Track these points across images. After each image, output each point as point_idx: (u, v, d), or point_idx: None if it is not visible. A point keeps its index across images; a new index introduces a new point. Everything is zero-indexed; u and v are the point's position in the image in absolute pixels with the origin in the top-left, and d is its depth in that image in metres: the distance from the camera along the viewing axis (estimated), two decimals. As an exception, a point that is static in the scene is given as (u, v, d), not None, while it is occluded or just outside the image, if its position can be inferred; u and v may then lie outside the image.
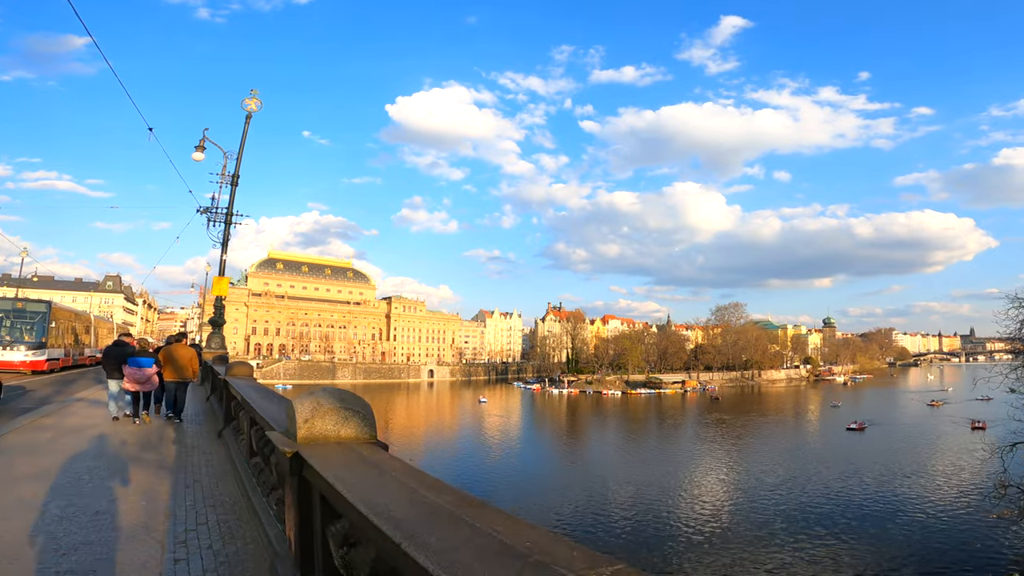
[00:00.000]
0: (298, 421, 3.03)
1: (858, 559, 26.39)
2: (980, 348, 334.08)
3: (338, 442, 3.03)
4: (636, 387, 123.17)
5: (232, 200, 21.03)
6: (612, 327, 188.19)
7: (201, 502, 5.54)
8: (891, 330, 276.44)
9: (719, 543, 28.70)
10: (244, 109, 21.65)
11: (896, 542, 28.31)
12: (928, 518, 31.73)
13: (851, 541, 28.53)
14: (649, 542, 28.92)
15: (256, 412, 4.06)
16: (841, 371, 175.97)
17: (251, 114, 21.76)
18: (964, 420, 66.89)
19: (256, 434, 4.95)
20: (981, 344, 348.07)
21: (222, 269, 21.70)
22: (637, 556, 26.85)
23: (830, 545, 28.06)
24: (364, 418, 3.21)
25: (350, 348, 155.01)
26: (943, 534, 29.15)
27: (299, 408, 3.11)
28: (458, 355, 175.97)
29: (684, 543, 28.81)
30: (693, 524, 31.66)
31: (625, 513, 33.50)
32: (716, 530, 30.65)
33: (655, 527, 31.12)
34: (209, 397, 15.55)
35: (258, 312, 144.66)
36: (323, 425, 3.06)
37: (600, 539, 29.12)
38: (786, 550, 27.54)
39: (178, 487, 6.23)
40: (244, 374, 9.31)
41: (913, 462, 46.20)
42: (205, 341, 23.34)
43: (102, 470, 6.97)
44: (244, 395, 5.76)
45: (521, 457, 53.12)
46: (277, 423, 3.76)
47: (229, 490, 5.93)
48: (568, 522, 31.77)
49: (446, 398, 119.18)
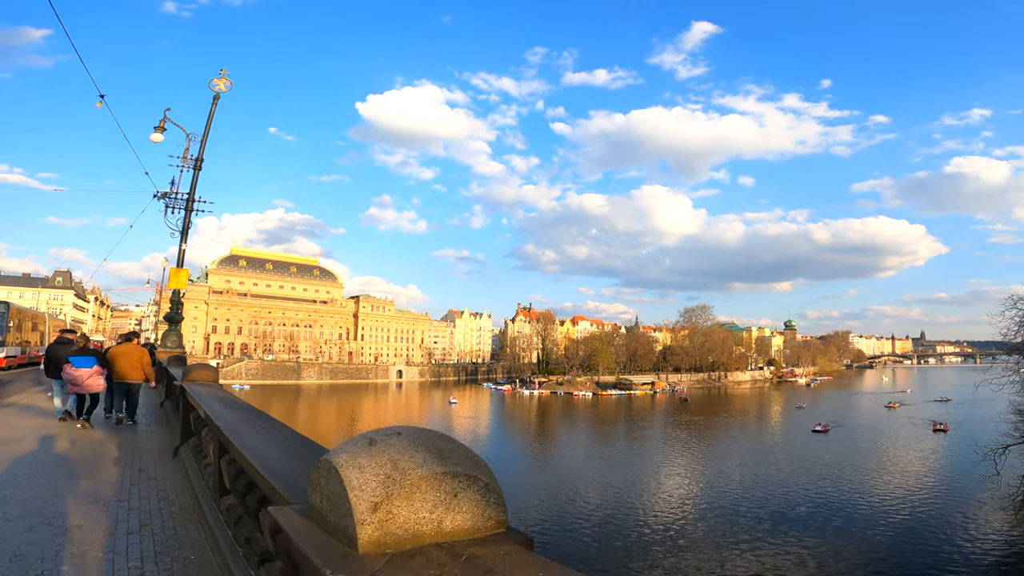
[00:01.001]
0: (361, 509, 1.49)
1: (827, 560, 26.11)
2: (931, 351, 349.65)
3: (440, 544, 1.52)
4: (607, 388, 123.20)
5: (194, 185, 19.14)
6: (582, 328, 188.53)
7: (152, 560, 4.01)
8: (848, 333, 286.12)
9: (688, 544, 28.40)
10: (212, 89, 19.80)
11: (862, 543, 28.11)
12: (894, 520, 31.69)
13: (820, 543, 28.29)
14: (616, 543, 28.48)
15: (239, 451, 2.70)
16: (802, 373, 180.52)
17: (219, 95, 19.94)
18: (925, 422, 68.37)
19: (231, 467, 3.57)
20: (932, 347, 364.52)
21: (181, 260, 19.74)
22: (604, 557, 26.51)
23: (800, 547, 27.77)
24: (486, 490, 1.74)
25: (316, 348, 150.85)
26: (911, 536, 29.06)
27: (357, 479, 1.55)
28: (427, 355, 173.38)
29: (653, 544, 28.51)
30: (663, 525, 31.33)
31: (594, 514, 33.02)
32: (686, 531, 30.34)
33: (624, 528, 30.74)
34: (163, 403, 13.69)
35: (219, 310, 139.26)
36: (411, 513, 1.54)
37: (567, 540, 28.71)
38: (757, 551, 27.25)
39: (119, 535, 4.62)
40: (206, 379, 7.74)
41: (878, 465, 46.51)
42: (160, 340, 21.26)
43: (13, 506, 5.36)
44: (211, 412, 4.32)
45: (492, 459, 51.73)
46: (279, 477, 2.35)
47: (193, 541, 4.36)
48: (537, 524, 31.10)
49: (415, 399, 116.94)
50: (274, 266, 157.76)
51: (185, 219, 19.04)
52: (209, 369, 8.15)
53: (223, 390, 6.81)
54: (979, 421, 65.94)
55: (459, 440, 1.92)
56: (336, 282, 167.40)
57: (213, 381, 7.69)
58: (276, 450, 2.82)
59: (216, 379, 7.89)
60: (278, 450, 2.83)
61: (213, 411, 4.42)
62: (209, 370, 8.13)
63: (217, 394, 6.07)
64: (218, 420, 3.81)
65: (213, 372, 8.14)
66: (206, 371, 8.03)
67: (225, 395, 5.99)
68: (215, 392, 6.28)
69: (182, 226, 19.07)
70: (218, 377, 8.08)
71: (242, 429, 3.46)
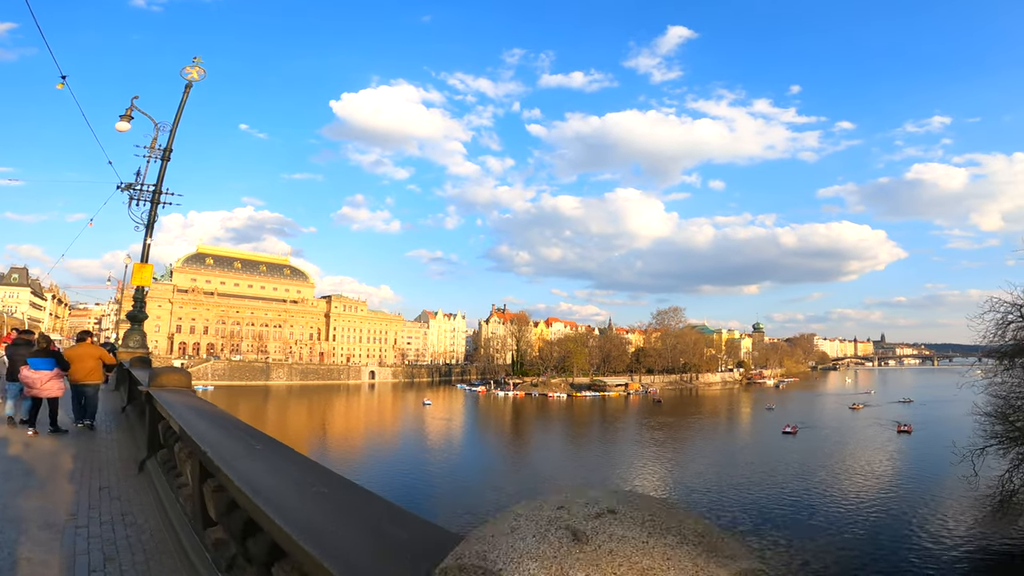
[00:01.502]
0: None
1: (808, 561, 26.30)
2: (891, 353, 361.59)
3: None
4: (581, 389, 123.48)
5: (162, 176, 18.05)
6: (555, 330, 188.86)
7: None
8: (813, 335, 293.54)
9: None
10: (184, 78, 18.73)
11: (839, 544, 28.42)
12: (867, 521, 32.13)
13: (798, 544, 28.50)
14: None
15: (248, 497, 1.89)
16: (771, 374, 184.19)
17: (191, 84, 18.88)
18: (890, 423, 69.99)
19: (218, 496, 2.92)
20: (891, 349, 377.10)
21: (145, 255, 18.58)
22: None
23: (781, 548, 27.93)
24: None
25: (286, 348, 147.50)
26: (883, 537, 29.47)
27: None
28: (400, 356, 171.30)
29: None
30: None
31: None
32: None
33: None
34: (125, 408, 12.70)
35: (184, 309, 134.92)
36: None
37: None
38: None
39: (78, 572, 3.83)
40: (177, 385, 6.92)
41: (848, 466, 47.11)
42: (122, 339, 20.01)
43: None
44: (190, 429, 3.58)
45: (466, 462, 51.38)
46: (318, 541, 1.72)
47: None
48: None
49: (388, 400, 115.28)
50: (243, 265, 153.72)
51: (151, 212, 17.91)
52: (179, 373, 7.31)
53: (198, 398, 6.05)
54: (941, 422, 67.97)
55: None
56: (307, 281, 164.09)
57: (185, 387, 6.89)
58: (292, 491, 2.17)
59: (188, 384, 7.08)
60: (295, 491, 2.16)
61: (192, 427, 3.73)
62: (179, 374, 7.30)
63: (192, 403, 5.34)
64: (202, 441, 3.11)
65: (184, 376, 7.31)
66: (176, 375, 7.19)
67: (202, 404, 5.26)
68: (190, 401, 5.53)
69: (147, 219, 17.94)
70: (191, 382, 7.28)
71: (235, 454, 2.78)
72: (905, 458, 49.28)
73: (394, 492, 37.88)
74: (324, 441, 63.42)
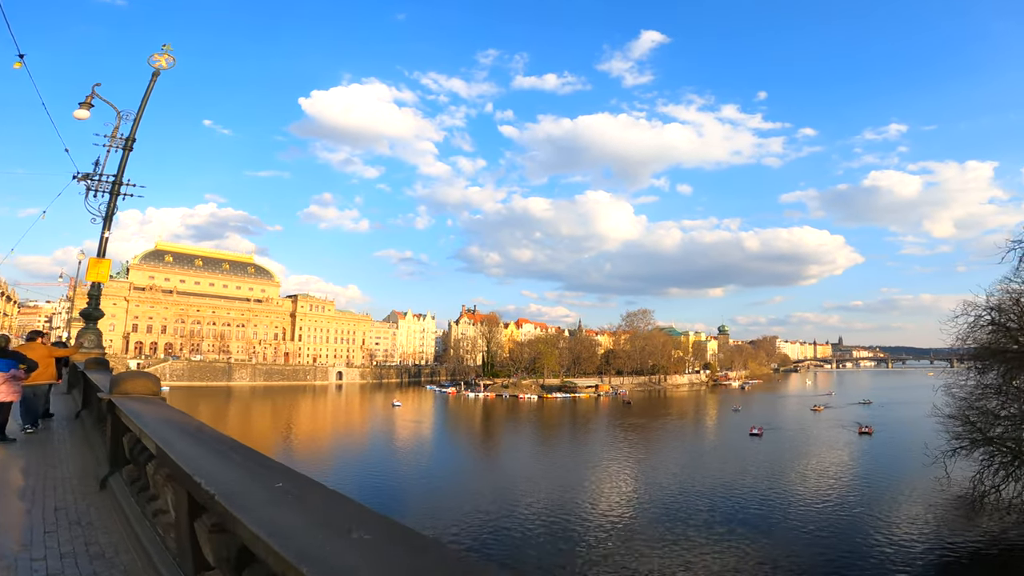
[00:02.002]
0: None
1: (780, 562, 26.58)
2: (848, 355, 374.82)
3: None
4: (552, 391, 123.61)
5: (123, 167, 16.96)
6: (526, 331, 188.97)
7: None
8: (775, 338, 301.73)
9: (636, 546, 28.62)
10: (152, 65, 17.63)
11: (800, 544, 28.84)
12: (828, 520, 32.62)
13: (770, 546, 28.80)
14: (562, 547, 28.52)
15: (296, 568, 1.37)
16: (735, 376, 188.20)
17: (159, 72, 17.80)
18: (851, 425, 71.74)
19: (219, 539, 2.35)
20: (848, 352, 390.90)
21: (102, 249, 17.38)
22: (550, 561, 26.51)
23: (745, 548, 28.28)
24: None
25: (249, 348, 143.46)
26: (843, 536, 29.94)
27: None
28: (368, 357, 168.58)
29: (601, 546, 28.76)
30: (610, 528, 31.45)
31: (542, 518, 32.90)
32: (633, 533, 30.53)
33: (570, 531, 30.77)
34: (80, 413, 11.68)
35: (140, 308, 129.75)
36: None
37: (507, 543, 28.60)
38: (709, 554, 27.56)
39: None
40: (144, 392, 6.10)
41: (814, 468, 47.78)
42: (75, 339, 18.72)
43: None
44: (172, 450, 2.91)
45: (437, 465, 50.74)
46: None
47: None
48: (482, 529, 30.79)
49: (356, 402, 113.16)
50: (204, 262, 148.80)
51: (110, 204, 16.77)
52: (146, 379, 6.47)
53: (170, 408, 5.35)
54: (899, 424, 70.43)
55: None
56: (272, 280, 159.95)
57: (154, 395, 6.11)
58: (343, 546, 1.57)
59: (158, 391, 6.26)
60: (346, 546, 1.57)
61: (175, 448, 3.10)
62: (146, 380, 6.44)
63: (167, 416, 4.65)
64: (196, 472, 2.46)
65: (152, 382, 6.44)
66: (143, 381, 6.35)
67: (180, 418, 4.57)
68: (163, 413, 4.83)
69: (106, 211, 16.79)
70: (159, 388, 6.51)
71: (246, 493, 2.17)
72: (867, 460, 50.34)
73: (363, 496, 36.89)
74: (289, 444, 61.62)
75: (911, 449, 51.23)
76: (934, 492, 33.30)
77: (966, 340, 28.83)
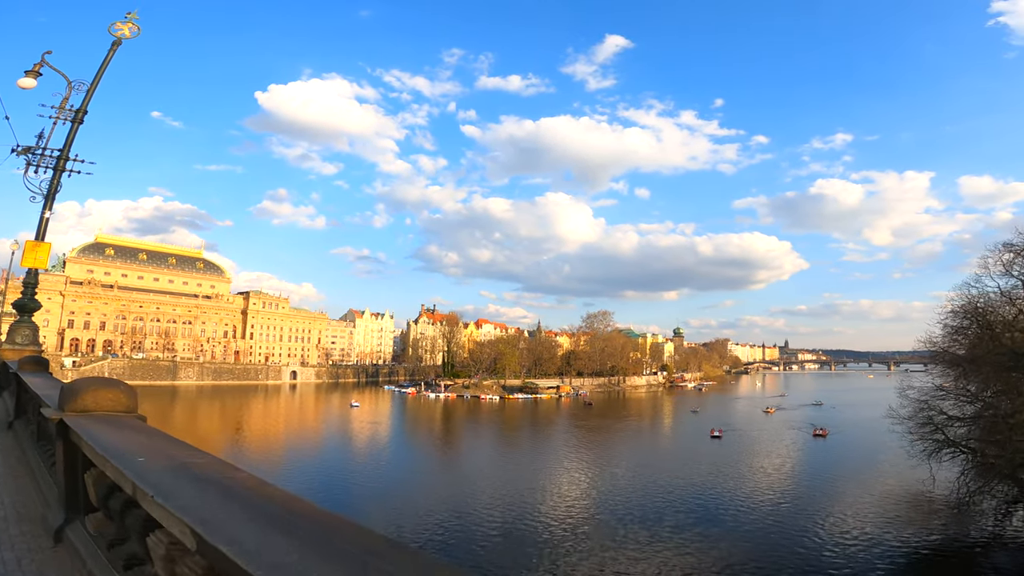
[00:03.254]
0: None
1: (731, 558, 26.71)
2: (794, 358, 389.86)
3: None
4: (513, 392, 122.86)
5: (71, 140, 15.07)
6: (485, 331, 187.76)
7: None
8: (727, 340, 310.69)
9: (604, 547, 28.40)
10: (114, 35, 15.71)
11: (762, 544, 29.04)
12: (789, 521, 32.98)
13: (724, 542, 29.01)
14: (528, 548, 28.21)
15: None
16: (691, 378, 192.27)
17: (120, 41, 15.90)
18: (805, 427, 72.48)
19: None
20: (794, 354, 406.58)
21: (42, 232, 15.31)
22: (512, 564, 26.20)
23: (711, 546, 28.33)
24: None
25: (197, 346, 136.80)
26: (802, 537, 30.25)
27: None
28: (324, 356, 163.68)
29: (566, 547, 28.58)
30: (575, 528, 31.19)
31: (506, 521, 32.48)
32: (598, 535, 30.30)
33: (535, 534, 30.48)
34: (12, 423, 9.62)
35: (78, 303, 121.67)
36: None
37: (476, 548, 28.23)
38: (668, 554, 27.54)
39: None
40: (112, 408, 4.25)
41: (772, 469, 48.68)
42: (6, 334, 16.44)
43: None
44: (204, 529, 1.80)
45: (395, 466, 49.44)
46: None
47: None
48: (445, 531, 30.30)
49: (310, 402, 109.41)
50: (149, 256, 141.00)
51: (53, 180, 14.81)
52: (116, 390, 4.50)
53: (162, 436, 3.94)
54: (850, 426, 72.50)
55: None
56: (223, 276, 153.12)
57: (129, 412, 4.61)
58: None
59: (135, 407, 4.72)
60: None
61: (212, 526, 1.90)
62: (116, 391, 4.46)
63: (157, 446, 3.39)
64: (243, 557, 1.42)
65: (125, 395, 4.59)
66: (111, 393, 4.41)
67: (184, 454, 3.28)
68: (151, 442, 3.52)
69: (48, 188, 14.85)
70: (136, 402, 4.97)
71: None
72: (825, 463, 50.41)
73: (321, 501, 35.00)
74: (239, 447, 58.43)
75: (866, 452, 53.08)
76: (896, 494, 34.12)
77: (951, 343, 29.79)
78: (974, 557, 26.73)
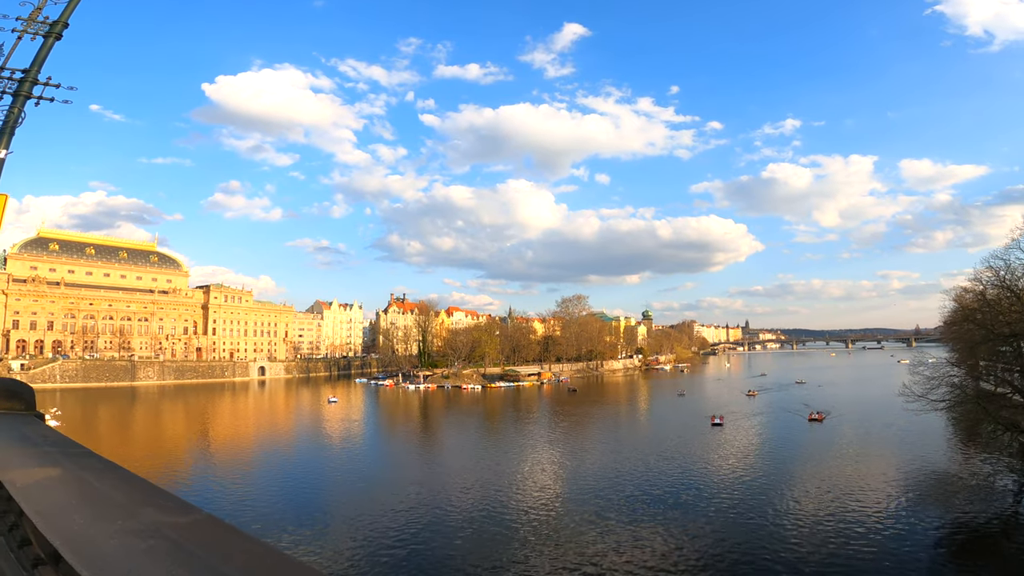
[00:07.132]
0: None
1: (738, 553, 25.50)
2: (756, 338, 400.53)
3: None
4: (494, 380, 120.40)
5: (41, 59, 11.24)
6: (456, 319, 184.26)
7: None
8: (693, 322, 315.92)
9: (612, 544, 26.94)
10: None
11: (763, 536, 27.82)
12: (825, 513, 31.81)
13: (728, 536, 27.65)
14: (529, 545, 26.94)
15: None
16: (666, 360, 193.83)
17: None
18: (799, 409, 69.84)
19: None
20: (756, 334, 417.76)
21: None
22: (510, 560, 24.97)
23: (711, 542, 26.96)
24: None
25: (155, 344, 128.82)
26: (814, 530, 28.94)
27: None
28: (293, 350, 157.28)
29: (569, 540, 27.45)
30: (571, 528, 29.40)
31: (508, 516, 31.17)
32: (603, 531, 28.70)
33: (539, 530, 29.13)
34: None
35: (22, 302, 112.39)
36: None
37: (455, 542, 27.34)
38: (696, 548, 25.90)
39: None
40: None
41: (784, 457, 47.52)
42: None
43: None
44: None
45: (395, 467, 46.59)
46: None
47: None
48: (451, 529, 28.76)
49: (281, 399, 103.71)
50: (97, 251, 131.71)
51: (13, 108, 11.03)
52: None
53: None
54: (845, 407, 70.09)
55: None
56: (180, 270, 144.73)
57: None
58: None
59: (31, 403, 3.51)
60: None
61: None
62: None
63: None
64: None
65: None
66: None
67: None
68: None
69: (5, 119, 11.08)
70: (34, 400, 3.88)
71: None
72: (831, 449, 47.26)
73: (307, 506, 32.38)
74: (207, 451, 53.69)
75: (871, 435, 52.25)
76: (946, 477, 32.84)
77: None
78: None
